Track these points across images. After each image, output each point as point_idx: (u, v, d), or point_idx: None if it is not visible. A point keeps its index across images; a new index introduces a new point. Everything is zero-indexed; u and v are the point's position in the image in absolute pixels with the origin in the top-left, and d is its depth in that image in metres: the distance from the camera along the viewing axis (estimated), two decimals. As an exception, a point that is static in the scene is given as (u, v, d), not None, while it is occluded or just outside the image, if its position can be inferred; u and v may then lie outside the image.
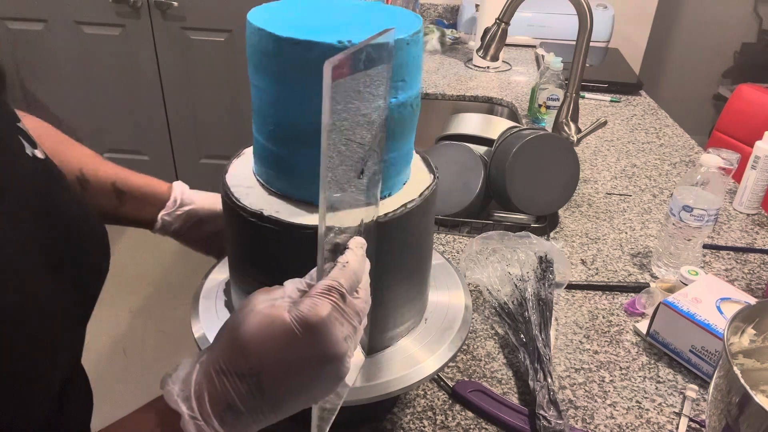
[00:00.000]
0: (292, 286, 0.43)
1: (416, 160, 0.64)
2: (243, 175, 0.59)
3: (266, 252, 0.54)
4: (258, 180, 0.58)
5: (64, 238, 0.50)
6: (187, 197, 0.79)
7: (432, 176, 0.60)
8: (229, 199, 0.55)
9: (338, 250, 0.45)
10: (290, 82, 0.50)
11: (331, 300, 0.40)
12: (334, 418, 0.47)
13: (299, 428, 0.49)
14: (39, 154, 0.52)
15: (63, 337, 0.49)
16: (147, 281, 2.37)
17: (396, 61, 0.50)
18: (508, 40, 1.39)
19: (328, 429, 0.46)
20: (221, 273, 0.69)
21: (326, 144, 0.39)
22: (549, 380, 0.71)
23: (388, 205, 0.54)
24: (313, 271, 0.44)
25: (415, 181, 0.60)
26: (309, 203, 0.54)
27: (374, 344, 0.59)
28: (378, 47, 0.44)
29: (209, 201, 0.80)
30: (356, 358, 0.53)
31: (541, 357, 0.73)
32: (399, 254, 0.56)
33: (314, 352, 0.40)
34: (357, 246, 0.45)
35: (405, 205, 0.54)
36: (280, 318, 0.40)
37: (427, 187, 0.57)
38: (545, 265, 0.86)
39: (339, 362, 0.40)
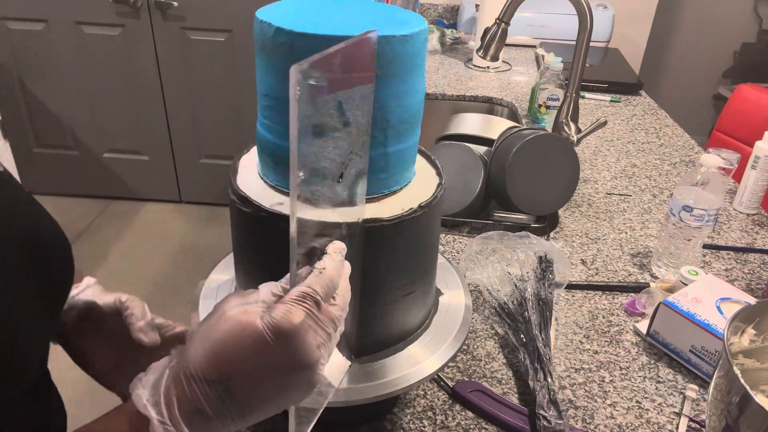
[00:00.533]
0: (266, 290, 0.42)
1: (420, 160, 0.64)
2: (250, 171, 0.59)
3: (266, 246, 0.55)
4: (262, 178, 0.58)
5: (29, 251, 0.49)
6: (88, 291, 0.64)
7: (438, 178, 0.61)
8: (234, 193, 0.55)
9: (315, 254, 0.44)
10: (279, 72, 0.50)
11: (305, 307, 0.39)
12: (316, 419, 0.46)
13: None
14: None
15: (31, 343, 0.48)
16: (147, 281, 2.37)
17: (396, 56, 0.49)
18: (508, 40, 1.39)
19: (309, 430, 0.46)
20: (221, 273, 0.69)
21: (296, 150, 0.38)
22: (549, 380, 0.71)
23: (397, 207, 0.54)
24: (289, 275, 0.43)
25: (421, 180, 0.60)
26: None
27: (382, 346, 0.59)
28: (356, 48, 0.44)
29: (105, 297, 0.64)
30: (342, 361, 0.53)
31: (541, 357, 0.73)
32: (408, 255, 0.56)
33: (286, 360, 0.39)
34: (335, 251, 0.44)
35: (418, 207, 0.54)
36: (252, 324, 0.39)
37: (436, 190, 0.57)
38: (545, 265, 0.86)
39: (311, 370, 0.40)
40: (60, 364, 0.64)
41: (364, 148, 0.49)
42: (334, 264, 0.42)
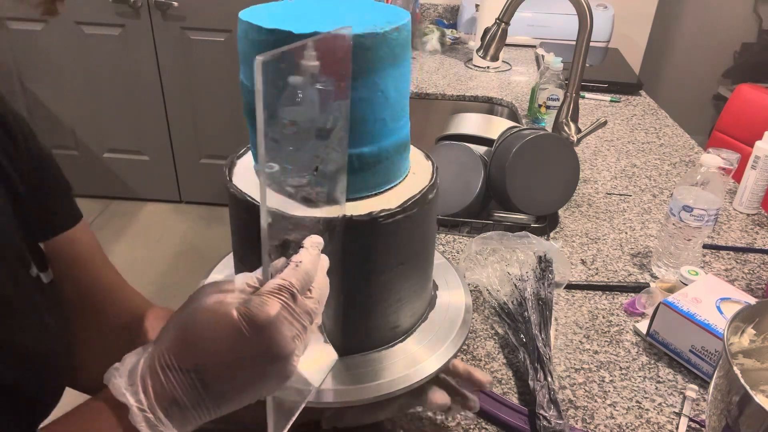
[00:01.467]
0: (242, 280, 0.42)
1: (415, 154, 0.64)
2: (247, 168, 0.59)
3: (252, 234, 0.54)
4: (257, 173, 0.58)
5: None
6: None
7: (432, 168, 0.60)
8: (229, 189, 0.55)
9: (291, 246, 0.44)
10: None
11: (281, 299, 0.40)
12: (294, 417, 0.46)
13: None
14: (44, 278, 0.55)
15: None
16: (147, 281, 2.37)
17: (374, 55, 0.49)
18: (508, 40, 1.39)
19: (287, 427, 0.46)
20: (221, 273, 0.69)
21: (262, 143, 0.38)
22: (549, 379, 0.71)
23: (393, 201, 0.54)
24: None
25: (416, 175, 0.60)
26: None
27: (379, 342, 0.59)
28: (329, 43, 0.43)
29: None
30: (327, 358, 0.53)
31: (541, 356, 0.73)
32: (402, 250, 0.56)
33: (261, 351, 0.40)
34: (312, 245, 0.44)
35: (411, 199, 0.54)
36: (227, 315, 0.39)
37: (428, 183, 0.57)
38: (544, 264, 0.86)
39: (285, 361, 0.40)
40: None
41: (342, 143, 0.49)
42: (311, 257, 0.42)
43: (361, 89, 0.49)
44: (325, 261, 0.45)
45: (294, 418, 0.46)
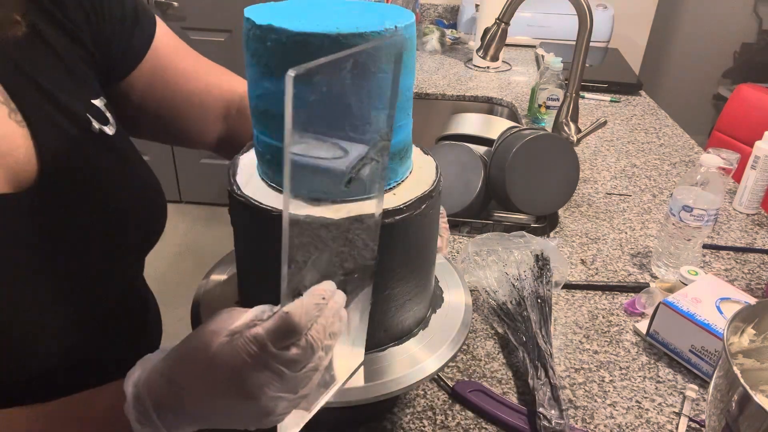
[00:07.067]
0: (254, 314, 0.44)
1: (417, 154, 0.64)
2: (249, 170, 0.59)
3: (266, 245, 0.54)
4: (261, 177, 0.58)
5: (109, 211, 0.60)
6: None
7: (435, 170, 0.60)
8: (233, 192, 0.55)
9: (303, 288, 0.43)
10: (260, 67, 0.50)
11: (249, 350, 0.41)
12: (312, 414, 0.47)
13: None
14: (108, 130, 0.60)
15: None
16: (147, 281, 2.37)
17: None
18: (508, 40, 1.39)
19: (302, 424, 0.47)
20: (221, 273, 0.69)
21: (290, 163, 0.38)
22: (551, 374, 0.71)
23: (394, 201, 0.54)
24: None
25: (418, 174, 0.60)
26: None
27: (379, 342, 0.59)
28: (367, 54, 0.43)
29: None
30: (352, 360, 0.53)
31: (542, 353, 0.73)
32: (404, 250, 0.56)
33: (230, 390, 0.42)
34: (314, 294, 0.43)
35: (413, 198, 0.54)
36: (209, 348, 0.42)
37: (432, 183, 0.57)
38: (542, 263, 0.86)
39: (256, 404, 0.42)
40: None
41: (383, 153, 0.48)
42: (303, 309, 0.42)
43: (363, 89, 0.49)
44: (336, 302, 0.45)
45: (311, 415, 0.47)
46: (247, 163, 0.60)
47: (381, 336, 0.59)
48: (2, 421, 0.47)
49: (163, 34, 0.70)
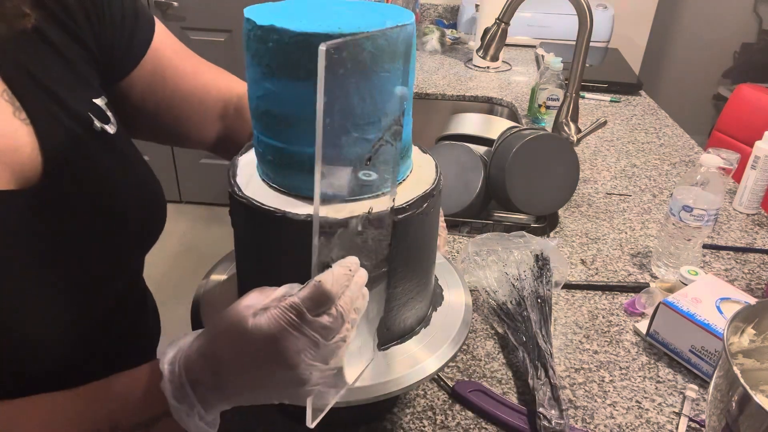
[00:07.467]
0: (284, 290, 0.46)
1: (417, 154, 0.64)
2: (249, 170, 0.59)
3: (266, 245, 0.54)
4: (262, 178, 0.58)
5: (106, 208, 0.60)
6: None
7: (435, 169, 0.60)
8: (233, 192, 0.55)
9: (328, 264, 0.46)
10: (262, 68, 0.51)
11: (288, 317, 0.43)
12: (326, 411, 0.49)
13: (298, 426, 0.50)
14: (109, 129, 0.61)
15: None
16: (147, 281, 2.37)
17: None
18: (508, 40, 1.39)
19: (318, 419, 0.48)
20: (222, 273, 0.69)
21: (321, 133, 0.40)
22: (551, 373, 0.71)
23: (397, 198, 0.53)
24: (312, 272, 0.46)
25: (418, 174, 0.60)
26: (306, 197, 0.54)
27: (382, 340, 0.59)
28: (385, 38, 0.45)
29: None
30: (361, 357, 0.54)
31: (542, 353, 0.73)
32: (405, 250, 0.56)
33: (267, 359, 0.43)
34: (342, 265, 0.46)
35: (413, 198, 0.54)
36: (244, 321, 0.44)
37: (432, 182, 0.57)
38: (542, 262, 0.86)
39: (292, 371, 0.43)
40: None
41: (396, 136, 0.50)
42: (333, 278, 0.44)
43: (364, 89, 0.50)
44: (359, 277, 0.47)
45: (325, 412, 0.49)
46: (247, 163, 0.60)
47: (383, 334, 0.59)
48: (43, 403, 0.48)
49: (162, 34, 0.71)
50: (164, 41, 0.71)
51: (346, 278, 0.45)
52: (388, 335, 0.59)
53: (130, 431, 0.47)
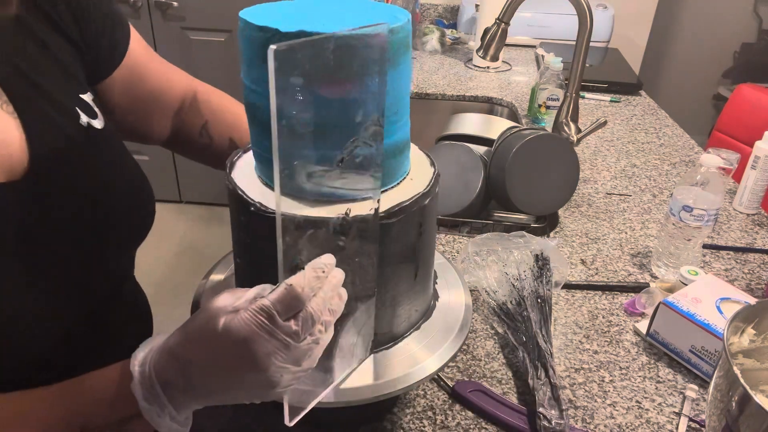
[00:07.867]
0: (255, 291, 0.46)
1: (416, 154, 0.64)
2: (246, 168, 0.59)
3: (262, 243, 0.54)
4: (260, 177, 0.58)
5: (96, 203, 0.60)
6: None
7: (432, 169, 0.60)
8: (230, 190, 0.55)
9: (299, 266, 0.45)
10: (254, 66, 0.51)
11: (258, 320, 0.42)
12: (306, 410, 0.49)
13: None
14: (96, 124, 0.62)
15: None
16: (147, 281, 2.37)
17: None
18: (508, 40, 1.39)
19: (298, 419, 0.48)
20: (221, 273, 0.69)
21: (276, 133, 0.39)
22: (551, 373, 0.71)
23: (393, 201, 0.54)
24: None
25: (416, 175, 0.60)
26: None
27: (379, 342, 0.59)
28: (353, 40, 0.44)
29: None
30: (353, 357, 0.53)
31: (542, 353, 0.73)
32: (402, 250, 0.56)
33: (236, 361, 0.43)
34: (315, 267, 0.45)
35: (410, 199, 0.54)
36: (215, 322, 0.44)
37: (429, 183, 0.57)
38: (542, 262, 0.86)
39: (262, 373, 0.43)
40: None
41: (376, 137, 0.49)
42: (304, 280, 0.44)
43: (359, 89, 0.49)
44: (335, 277, 0.46)
45: (306, 411, 0.49)
46: (246, 163, 0.60)
47: (381, 335, 0.59)
48: (15, 400, 0.48)
49: (135, 35, 0.73)
50: (139, 42, 0.73)
51: (318, 280, 0.45)
52: (386, 336, 0.59)
53: (101, 431, 0.47)
